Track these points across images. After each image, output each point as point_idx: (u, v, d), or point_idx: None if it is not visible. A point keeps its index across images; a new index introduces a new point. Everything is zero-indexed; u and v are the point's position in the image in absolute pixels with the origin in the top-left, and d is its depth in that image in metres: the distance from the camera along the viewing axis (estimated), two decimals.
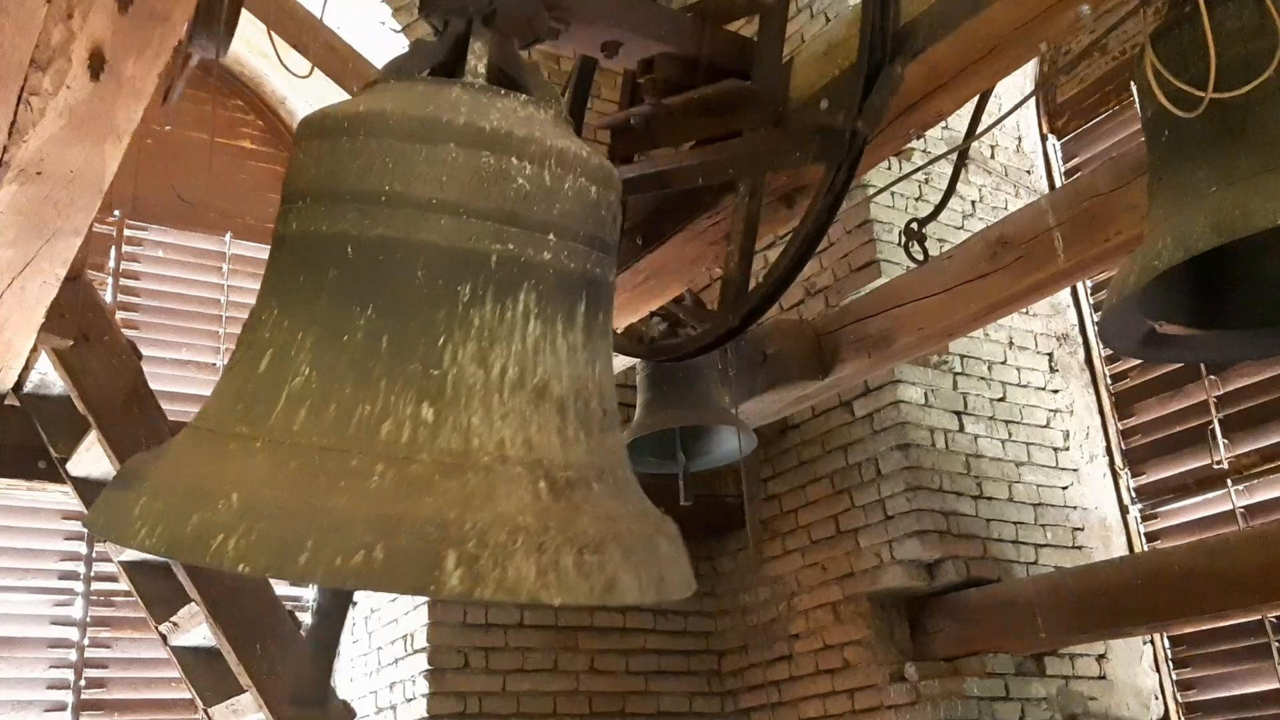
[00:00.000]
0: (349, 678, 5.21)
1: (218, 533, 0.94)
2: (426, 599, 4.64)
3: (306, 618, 5.19)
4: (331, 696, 3.34)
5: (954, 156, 3.49)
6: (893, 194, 4.88)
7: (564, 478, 1.07)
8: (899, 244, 3.40)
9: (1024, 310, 4.95)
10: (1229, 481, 4.64)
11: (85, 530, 4.78)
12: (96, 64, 1.88)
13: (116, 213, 5.24)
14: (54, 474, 3.66)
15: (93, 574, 4.82)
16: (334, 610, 1.20)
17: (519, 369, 1.10)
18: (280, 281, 1.18)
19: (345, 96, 1.61)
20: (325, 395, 1.05)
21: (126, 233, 5.32)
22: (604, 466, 1.14)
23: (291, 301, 1.14)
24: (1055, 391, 5.16)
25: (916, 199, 5.02)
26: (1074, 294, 5.41)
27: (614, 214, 1.26)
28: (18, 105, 1.95)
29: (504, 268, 1.12)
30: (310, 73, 3.79)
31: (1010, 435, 4.91)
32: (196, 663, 3.61)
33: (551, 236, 1.16)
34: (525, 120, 1.20)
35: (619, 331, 3.01)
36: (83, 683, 4.69)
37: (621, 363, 2.98)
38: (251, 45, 5.52)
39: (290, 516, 0.95)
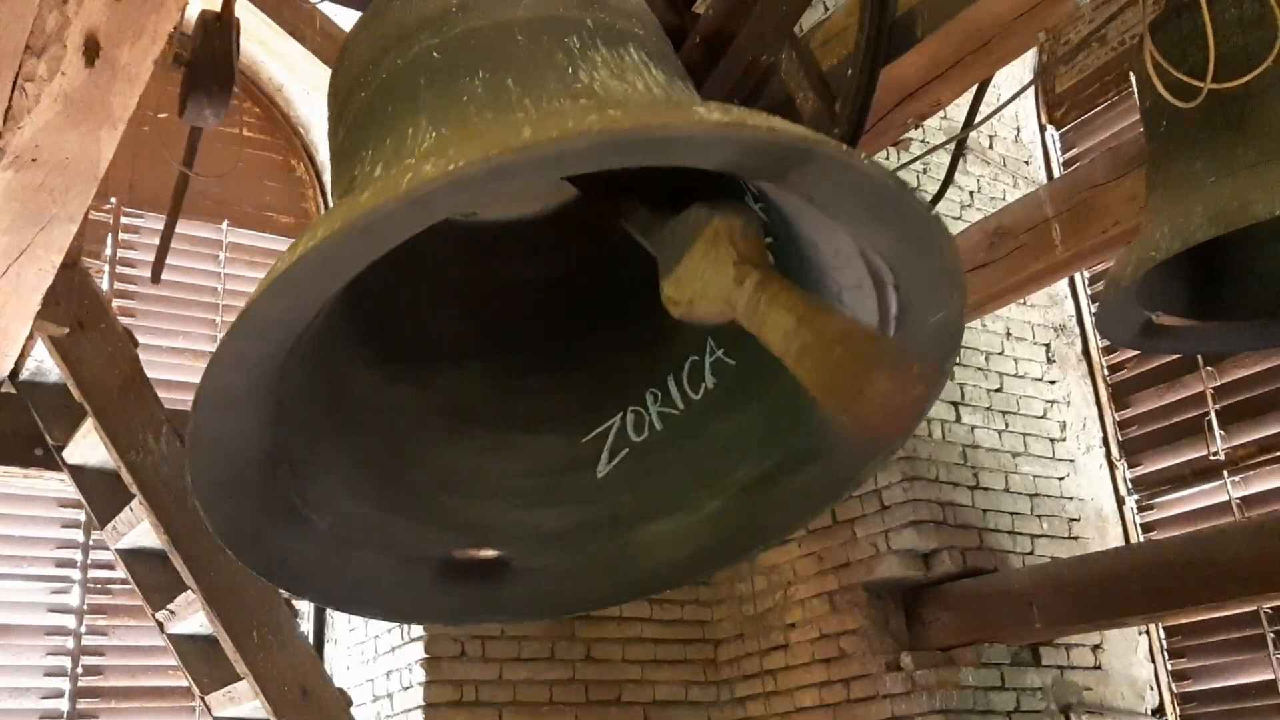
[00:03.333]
0: (346, 666, 5.22)
1: (405, 174, 0.75)
2: None
3: (303, 606, 5.20)
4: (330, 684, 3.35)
5: (952, 146, 3.48)
6: None
7: None
8: None
9: (1021, 301, 4.95)
10: (1225, 472, 4.65)
11: (82, 518, 4.78)
12: (91, 50, 1.88)
13: (113, 200, 5.23)
14: (50, 461, 3.65)
15: (90, 561, 4.82)
16: None
17: (663, 91, 1.00)
18: (361, 137, 1.03)
19: None
20: (467, 129, 0.92)
21: (123, 220, 5.31)
22: None
23: (384, 130, 1.00)
24: (1052, 382, 5.16)
25: (914, 189, 5.01)
26: (1071, 285, 5.40)
27: (673, 51, 1.17)
28: (13, 91, 1.94)
29: (602, 30, 1.04)
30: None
31: (1007, 426, 4.91)
32: (193, 650, 3.61)
33: (635, 20, 1.09)
34: None
35: None
36: (80, 670, 4.69)
37: None
38: (248, 32, 5.50)
39: (487, 131, 0.80)
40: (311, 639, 5.15)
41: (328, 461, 1.08)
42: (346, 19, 4.78)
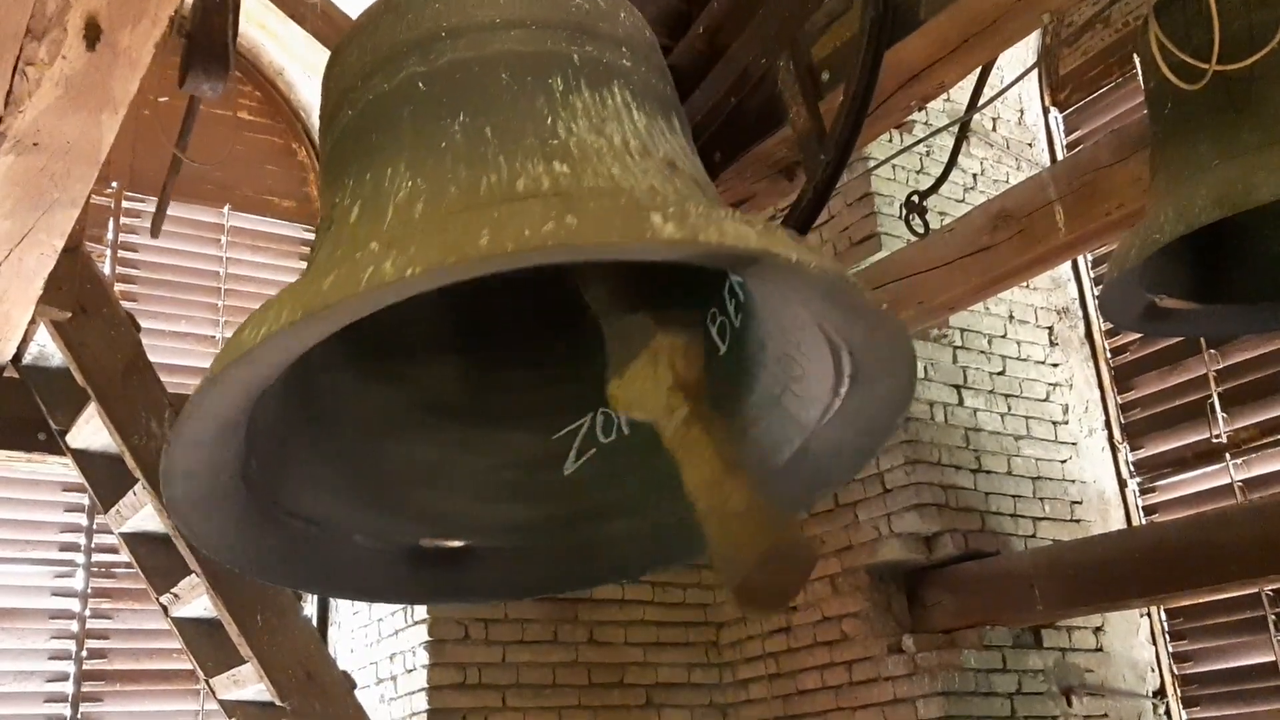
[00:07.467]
0: (350, 649, 5.24)
1: (367, 266, 0.78)
2: None
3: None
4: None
5: (955, 129, 3.47)
6: (894, 167, 4.86)
7: None
8: (900, 217, 3.40)
9: (1024, 284, 4.94)
10: (1227, 455, 4.65)
11: (86, 502, 4.79)
12: (92, 34, 1.87)
13: (114, 184, 5.22)
14: (54, 446, 3.65)
15: (93, 545, 4.83)
16: None
17: (640, 142, 1.01)
18: (346, 160, 1.06)
19: None
20: (440, 185, 0.94)
21: (125, 204, 5.30)
22: None
23: (366, 161, 1.02)
24: (1055, 365, 5.16)
25: (918, 172, 5.00)
26: (1075, 267, 5.40)
27: (666, 70, 1.17)
28: (14, 75, 1.94)
29: (589, 65, 1.04)
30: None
31: (1009, 409, 4.91)
32: (197, 634, 3.61)
33: (625, 50, 1.08)
34: None
35: None
36: (84, 653, 4.71)
37: None
38: (249, 16, 5.49)
39: (449, 225, 0.82)
40: (315, 622, 5.17)
41: (302, 465, 1.12)
42: (347, 3, 4.76)
